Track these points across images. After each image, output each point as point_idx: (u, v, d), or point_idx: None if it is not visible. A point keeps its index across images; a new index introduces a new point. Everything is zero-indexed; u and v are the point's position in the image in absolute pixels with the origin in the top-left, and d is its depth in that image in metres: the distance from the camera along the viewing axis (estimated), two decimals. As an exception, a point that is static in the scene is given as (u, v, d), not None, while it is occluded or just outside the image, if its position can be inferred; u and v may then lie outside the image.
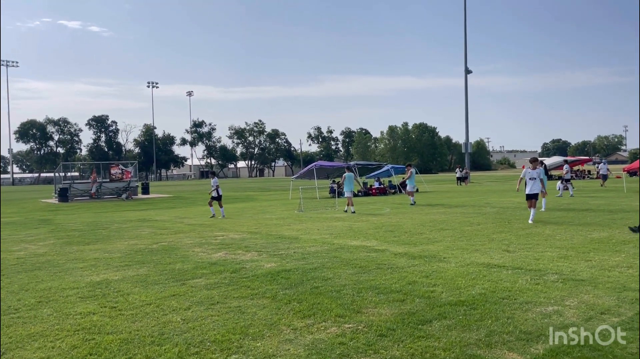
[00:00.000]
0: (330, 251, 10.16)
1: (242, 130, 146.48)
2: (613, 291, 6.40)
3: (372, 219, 16.51)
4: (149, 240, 12.67)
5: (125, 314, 5.97)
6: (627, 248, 9.58)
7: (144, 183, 43.13)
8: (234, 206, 25.67)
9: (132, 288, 7.32)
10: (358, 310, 5.84)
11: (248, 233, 13.68)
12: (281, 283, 7.32)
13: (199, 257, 9.86)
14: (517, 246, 10.16)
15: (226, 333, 5.18)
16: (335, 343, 4.81)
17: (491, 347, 4.57)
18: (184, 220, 18.19)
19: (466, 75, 54.37)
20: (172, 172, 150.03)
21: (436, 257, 9.13)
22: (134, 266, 9.07)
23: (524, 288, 6.68)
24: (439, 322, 5.31)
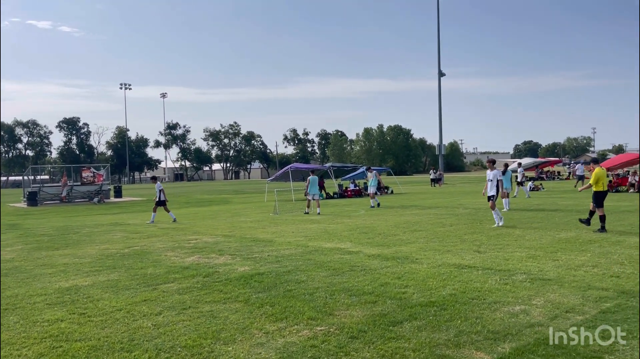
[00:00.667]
0: (305, 253, 10.18)
1: (217, 132, 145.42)
2: (578, 290, 6.58)
3: (346, 221, 16.59)
4: (120, 245, 12.49)
5: (94, 321, 5.88)
6: (592, 247, 9.84)
7: (116, 187, 42.46)
8: (209, 209, 25.48)
9: (102, 294, 7.22)
10: (330, 313, 5.87)
11: (222, 236, 13.60)
12: (254, 287, 7.31)
13: (172, 261, 9.77)
14: (487, 246, 10.34)
15: (197, 337, 5.15)
16: (306, 345, 4.83)
17: (460, 347, 4.66)
18: (157, 224, 17.97)
19: (439, 78, 55.08)
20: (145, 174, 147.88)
21: (409, 258, 9.24)
22: (105, 272, 8.93)
23: (493, 288, 6.81)
24: (410, 323, 5.38)
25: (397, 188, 39.01)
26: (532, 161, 54.36)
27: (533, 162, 53.75)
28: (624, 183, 28.45)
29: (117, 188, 41.57)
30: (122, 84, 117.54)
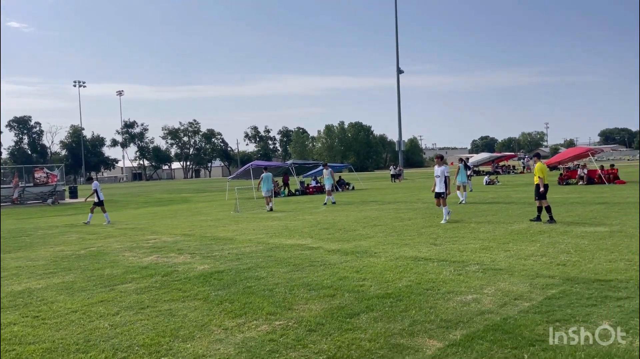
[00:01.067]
0: (265, 250, 10.22)
1: (176, 130, 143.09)
2: (527, 278, 6.87)
3: (308, 217, 16.69)
4: (76, 246, 12.21)
5: (48, 324, 5.77)
6: (542, 238, 10.26)
7: (71, 187, 41.27)
8: (168, 209, 25.13)
9: (56, 296, 7.07)
10: (289, 307, 5.95)
11: (181, 235, 13.47)
12: (214, 285, 7.31)
13: (129, 261, 9.63)
14: (443, 239, 10.63)
15: (155, 336, 5.14)
16: (265, 340, 4.89)
17: (413, 336, 4.82)
18: (115, 224, 17.62)
19: (398, 75, 55.82)
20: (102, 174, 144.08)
21: (367, 252, 9.41)
22: (60, 274, 8.74)
23: (447, 279, 7.04)
24: (367, 314, 5.52)
25: (358, 184, 39.39)
26: (488, 156, 55.86)
27: (489, 156, 55.24)
28: (573, 176, 29.61)
29: (73, 189, 40.42)
30: (75, 82, 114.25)
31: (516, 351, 4.30)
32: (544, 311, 5.36)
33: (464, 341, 4.60)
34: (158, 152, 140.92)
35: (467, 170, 21.79)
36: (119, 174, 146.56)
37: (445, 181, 13.98)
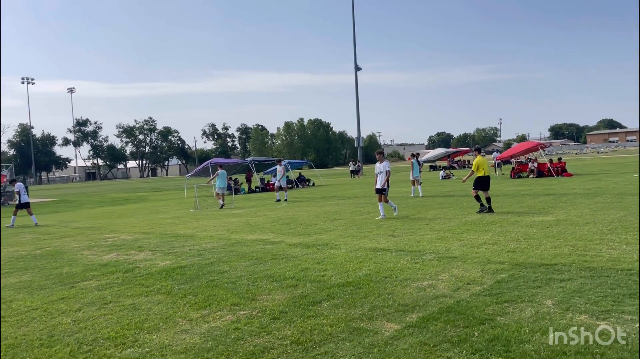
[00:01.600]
0: (227, 246, 10.30)
1: (131, 128, 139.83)
2: (479, 264, 7.25)
3: (269, 213, 16.80)
4: (31, 246, 11.93)
5: (9, 321, 5.72)
6: (494, 227, 10.75)
7: (22, 187, 39.77)
8: (125, 208, 24.70)
9: (15, 295, 6.98)
10: (253, 298, 6.10)
11: (141, 233, 13.36)
12: (176, 279, 7.37)
13: (89, 260, 9.53)
14: (401, 231, 10.98)
15: (120, 329, 5.19)
16: (230, 329, 5.03)
17: (373, 320, 5.06)
18: (70, 224, 17.25)
19: (356, 72, 56.44)
20: (54, 174, 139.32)
21: (328, 245, 9.64)
22: (16, 273, 8.58)
23: (404, 267, 7.33)
24: (328, 302, 5.73)
25: (318, 180, 39.69)
26: (444, 151, 57.20)
27: (445, 151, 56.57)
28: (524, 169, 30.79)
29: (23, 189, 38.95)
30: (23, 78, 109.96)
31: (467, 330, 4.60)
32: (493, 293, 5.71)
33: (419, 322, 4.87)
34: (113, 150, 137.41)
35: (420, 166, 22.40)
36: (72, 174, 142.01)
37: (388, 178, 13.72)
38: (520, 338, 4.33)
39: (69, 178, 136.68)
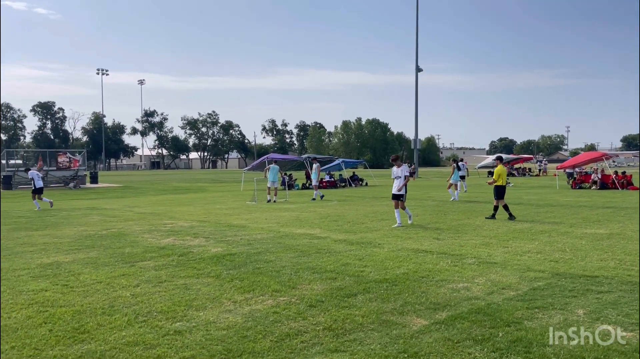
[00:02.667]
0: (275, 238, 10.78)
1: (195, 120, 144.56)
2: (518, 271, 7.32)
3: (319, 210, 17.23)
4: (98, 227, 12.91)
5: (76, 291, 6.40)
6: (542, 237, 10.66)
7: (92, 172, 42.34)
8: (185, 197, 25.86)
9: (82, 269, 7.72)
10: (293, 286, 6.50)
11: (197, 221, 14.11)
12: (226, 265, 7.90)
13: (148, 242, 10.27)
14: (447, 234, 11.08)
15: (172, 305, 5.73)
16: (269, 312, 5.45)
17: (403, 314, 5.33)
18: (134, 209, 18.36)
19: (417, 73, 55.96)
20: (121, 161, 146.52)
21: (372, 243, 9.92)
22: (84, 250, 9.40)
23: (443, 269, 7.52)
24: (363, 295, 6.04)
25: (372, 180, 39.82)
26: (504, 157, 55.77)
27: (505, 158, 55.11)
28: (587, 180, 29.69)
29: (93, 174, 41.47)
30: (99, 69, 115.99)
31: (493, 330, 4.79)
32: (526, 299, 5.83)
33: (447, 320, 5.10)
34: (177, 141, 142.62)
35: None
36: (138, 162, 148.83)
37: (406, 184, 13.13)
38: (542, 341, 4.48)
39: (135, 165, 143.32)
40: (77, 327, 5.01)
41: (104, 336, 4.76)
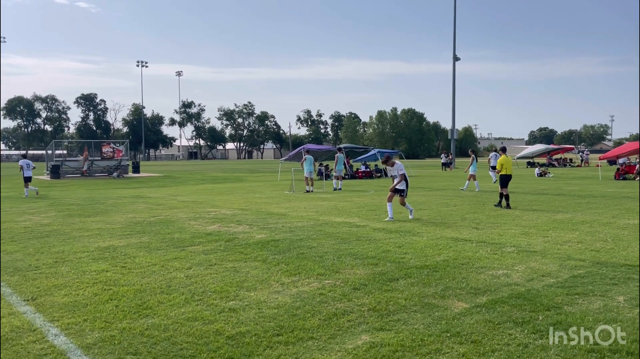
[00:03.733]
0: (316, 226, 11.09)
1: (231, 111, 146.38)
2: (558, 259, 7.41)
3: (356, 199, 17.46)
4: (146, 214, 13.51)
5: (134, 272, 6.86)
6: (583, 227, 10.62)
7: (134, 162, 43.69)
8: (224, 186, 26.49)
9: (137, 252, 8.20)
10: (337, 271, 6.78)
11: (239, 209, 14.56)
12: (271, 250, 8.25)
13: (195, 229, 10.74)
14: (486, 224, 11.16)
15: (224, 286, 6.10)
16: (316, 293, 5.75)
17: (444, 298, 5.54)
18: (177, 198, 19.01)
19: (454, 62, 55.21)
20: (160, 152, 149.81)
21: (411, 232, 10.10)
22: (136, 235, 9.93)
23: (482, 256, 7.66)
24: (405, 280, 6.27)
25: (408, 171, 39.65)
26: (543, 147, 54.58)
27: (544, 148, 53.98)
28: (631, 171, 28.90)
29: (135, 164, 42.78)
30: (138, 61, 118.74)
31: (532, 314, 4.95)
32: (567, 286, 5.94)
33: (488, 303, 5.28)
34: (213, 132, 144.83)
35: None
36: (176, 152, 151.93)
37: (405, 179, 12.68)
38: (583, 324, 4.62)
39: (173, 156, 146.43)
40: (140, 304, 5.43)
41: (165, 312, 5.16)
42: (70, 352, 4.15)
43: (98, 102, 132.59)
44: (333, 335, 4.52)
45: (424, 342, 4.32)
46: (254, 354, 4.12)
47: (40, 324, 4.82)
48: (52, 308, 5.30)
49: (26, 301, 5.55)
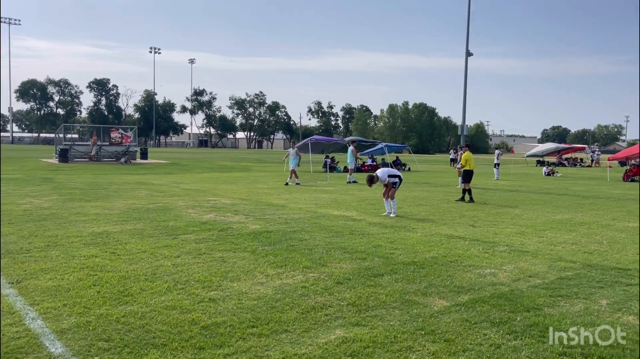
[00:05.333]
0: (312, 218, 11.09)
1: (242, 100, 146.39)
2: (548, 260, 7.35)
3: (358, 193, 17.43)
4: (145, 201, 13.59)
5: (123, 258, 6.91)
6: (581, 228, 10.52)
7: (142, 149, 43.87)
8: (230, 175, 26.57)
9: (129, 239, 8.26)
10: (324, 264, 6.79)
11: (239, 199, 14.60)
12: (262, 241, 8.26)
13: (191, 217, 10.79)
14: (483, 222, 11.09)
15: (208, 275, 6.12)
16: (298, 286, 5.75)
17: (426, 295, 5.52)
18: (180, 185, 19.09)
19: (467, 57, 54.70)
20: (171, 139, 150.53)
21: (405, 228, 10.07)
22: (132, 222, 10.00)
23: (473, 255, 7.63)
24: (389, 276, 6.26)
25: (415, 166, 39.59)
26: (553, 146, 54.12)
27: (555, 147, 53.53)
28: (638, 173, 28.54)
29: (143, 150, 42.97)
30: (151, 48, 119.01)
31: (511, 314, 4.92)
32: (551, 287, 5.90)
33: (468, 302, 5.26)
34: (224, 120, 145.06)
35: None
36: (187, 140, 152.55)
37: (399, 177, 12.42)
38: (559, 326, 4.59)
39: (183, 143, 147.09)
40: (122, 290, 5.47)
41: (145, 299, 5.19)
42: (44, 336, 4.20)
43: (110, 87, 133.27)
44: (307, 329, 4.53)
45: (397, 339, 4.31)
46: (226, 345, 4.14)
47: (20, 307, 4.88)
48: (34, 292, 5.35)
49: (11, 284, 5.62)
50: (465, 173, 15.35)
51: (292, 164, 21.28)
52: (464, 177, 15.30)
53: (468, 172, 15.33)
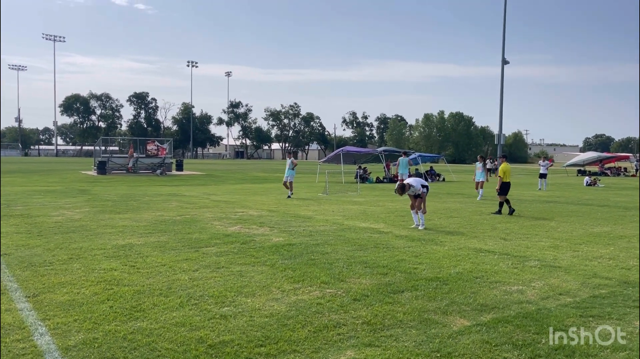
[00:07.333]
0: (337, 230, 10.90)
1: (277, 112, 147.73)
2: (582, 277, 6.94)
3: (388, 204, 17.14)
4: (174, 212, 13.69)
5: (141, 272, 6.89)
6: (620, 242, 9.98)
7: (178, 160, 44.66)
8: (261, 187, 26.66)
9: (151, 252, 8.26)
10: (342, 279, 6.59)
11: (267, 211, 14.54)
12: (283, 254, 8.13)
13: (216, 229, 10.77)
14: (515, 235, 10.67)
15: (224, 290, 6.02)
16: (314, 303, 5.58)
17: (446, 314, 5.26)
18: (211, 197, 19.22)
19: (503, 65, 53.60)
20: (208, 150, 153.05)
21: (433, 241, 9.76)
22: (156, 234, 10.04)
23: (500, 270, 7.28)
24: (410, 293, 6.01)
25: (449, 176, 38.87)
26: (595, 155, 52.28)
27: (597, 156, 51.70)
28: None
29: (179, 162, 43.72)
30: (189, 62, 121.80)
31: (536, 336, 4.61)
32: (582, 307, 5.54)
33: (491, 322, 4.97)
34: (260, 132, 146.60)
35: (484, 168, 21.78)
36: (223, 151, 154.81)
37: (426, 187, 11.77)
38: (587, 351, 4.26)
39: (220, 154, 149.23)
40: (135, 305, 5.42)
41: (156, 315, 5.12)
42: (49, 353, 4.16)
43: (149, 100, 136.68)
44: (317, 349, 4.35)
45: (410, 362, 4.08)
46: (230, 365, 4.01)
47: (31, 322, 4.88)
48: (48, 306, 5.36)
49: (27, 298, 5.65)
50: (502, 185, 14.88)
51: (288, 175, 20.46)
52: (501, 190, 14.87)
53: (505, 184, 14.88)
